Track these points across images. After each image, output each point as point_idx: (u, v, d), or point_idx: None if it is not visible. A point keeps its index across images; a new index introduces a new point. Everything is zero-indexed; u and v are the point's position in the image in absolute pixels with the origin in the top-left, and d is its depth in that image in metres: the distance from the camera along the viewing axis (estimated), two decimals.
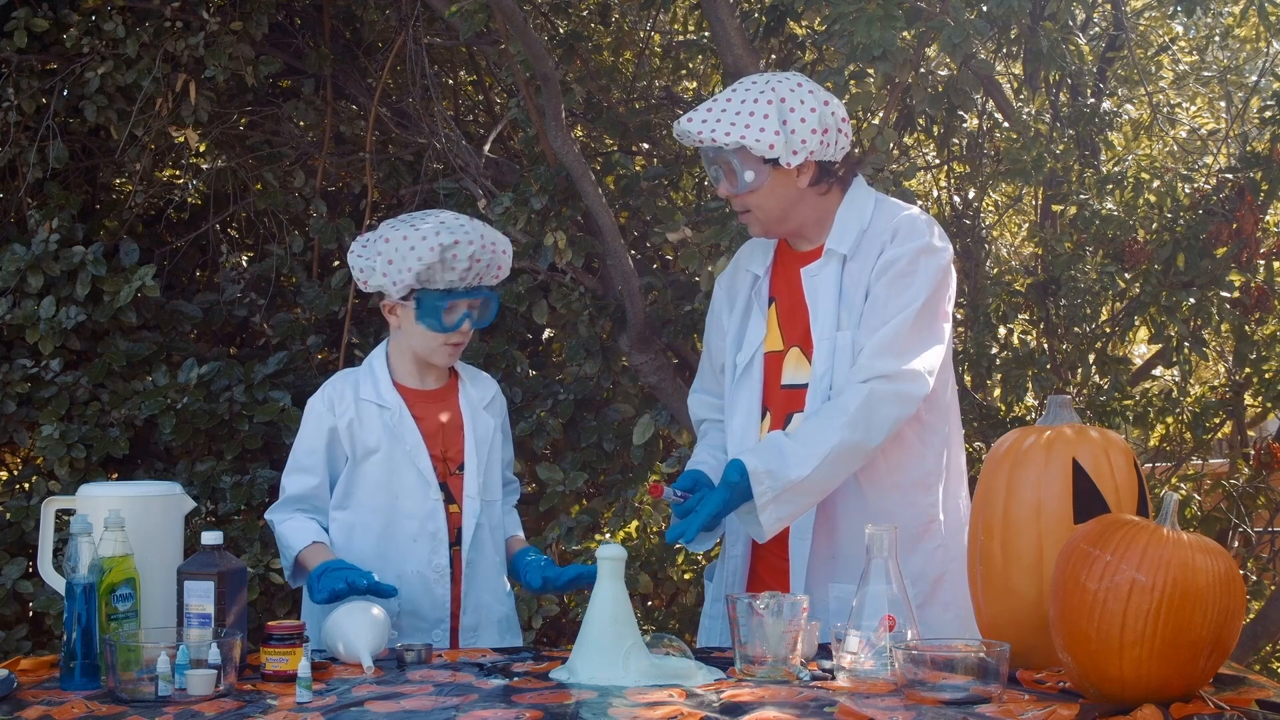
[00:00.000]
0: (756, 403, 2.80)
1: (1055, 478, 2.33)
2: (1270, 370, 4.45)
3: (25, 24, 4.10)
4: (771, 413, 2.80)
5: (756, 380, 2.81)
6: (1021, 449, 2.39)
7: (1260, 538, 4.63)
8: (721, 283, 2.99)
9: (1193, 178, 4.45)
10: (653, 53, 5.21)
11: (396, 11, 4.72)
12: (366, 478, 2.86)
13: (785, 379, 2.80)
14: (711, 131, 2.67)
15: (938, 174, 5.12)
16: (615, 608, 2.36)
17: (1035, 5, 4.20)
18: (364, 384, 2.90)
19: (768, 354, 2.82)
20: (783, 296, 2.85)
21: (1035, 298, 4.52)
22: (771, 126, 2.66)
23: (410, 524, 2.84)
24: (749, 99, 2.69)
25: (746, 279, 2.90)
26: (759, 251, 2.92)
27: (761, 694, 2.15)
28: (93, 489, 2.59)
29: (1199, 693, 2.04)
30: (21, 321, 3.99)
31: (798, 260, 2.83)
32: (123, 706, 2.14)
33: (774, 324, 2.84)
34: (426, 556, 2.84)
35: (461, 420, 2.92)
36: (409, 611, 2.83)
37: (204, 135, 4.43)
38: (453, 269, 2.80)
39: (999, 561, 2.36)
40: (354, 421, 2.86)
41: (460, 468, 2.90)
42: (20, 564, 3.96)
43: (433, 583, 2.84)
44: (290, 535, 2.83)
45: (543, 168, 4.03)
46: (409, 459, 2.85)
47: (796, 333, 2.81)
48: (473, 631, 2.86)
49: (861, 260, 2.76)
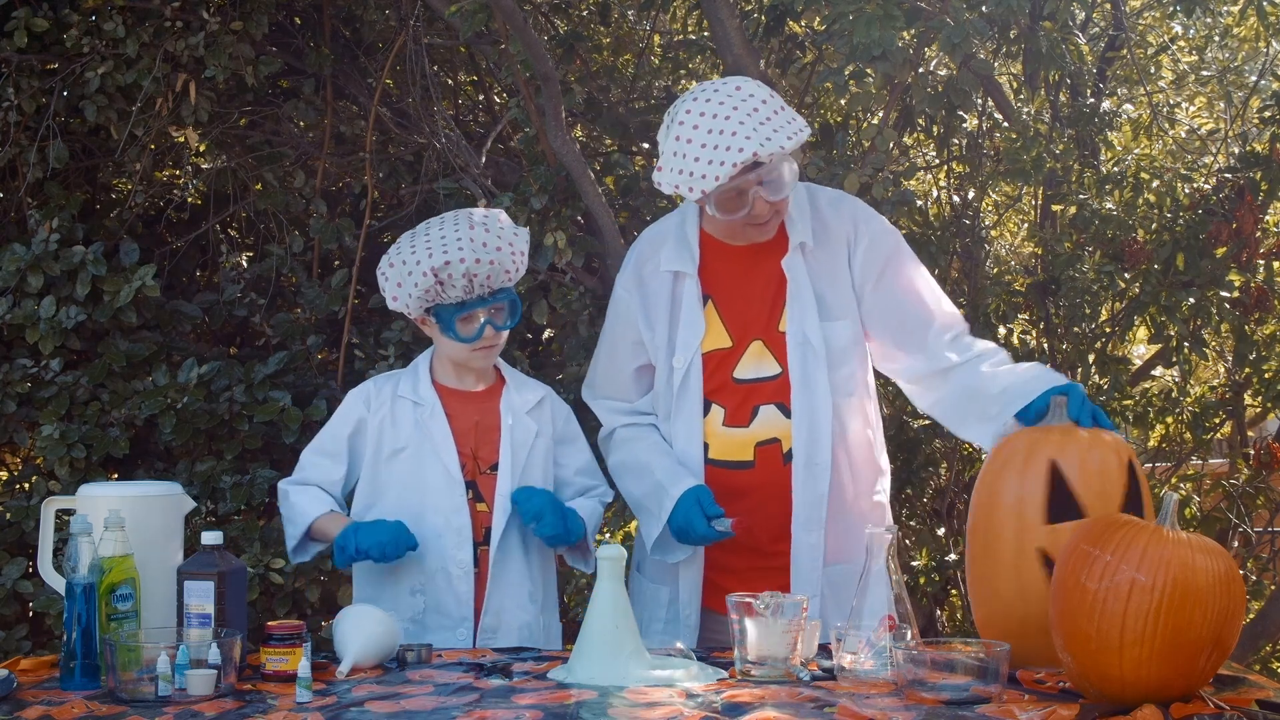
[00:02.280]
0: (698, 403, 2.80)
1: (1033, 480, 2.34)
2: (1270, 370, 4.45)
3: (25, 24, 4.09)
4: (726, 409, 2.79)
5: (696, 379, 2.80)
6: (1005, 452, 2.41)
7: (1260, 538, 4.63)
8: (627, 286, 2.91)
9: (1192, 177, 4.45)
10: (653, 53, 5.21)
11: (396, 11, 4.71)
12: (395, 475, 2.89)
13: (742, 373, 2.79)
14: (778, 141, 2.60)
15: (937, 174, 5.12)
16: (615, 608, 2.36)
17: (1035, 5, 4.20)
18: (404, 382, 2.94)
19: (705, 353, 2.80)
20: (721, 292, 2.82)
21: (1035, 298, 4.52)
22: (794, 113, 2.68)
23: (436, 519, 2.85)
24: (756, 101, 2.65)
25: (663, 279, 2.85)
26: (674, 249, 2.85)
27: (761, 694, 2.15)
28: (93, 489, 2.60)
29: (1199, 693, 2.04)
30: (21, 321, 3.99)
31: (740, 254, 2.81)
32: (123, 706, 2.14)
33: (715, 321, 2.82)
34: (450, 552, 2.84)
35: (498, 421, 2.92)
36: (433, 608, 2.84)
37: (204, 135, 4.43)
38: (454, 286, 2.80)
39: (983, 564, 2.38)
40: (386, 419, 2.90)
41: (492, 467, 2.90)
42: (20, 564, 3.96)
43: (456, 579, 2.84)
44: (305, 502, 2.86)
45: (543, 168, 4.03)
46: (436, 454, 2.86)
47: (755, 326, 2.80)
48: (491, 633, 2.85)
49: (827, 248, 2.79)
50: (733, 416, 2.78)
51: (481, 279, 2.80)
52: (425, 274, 2.78)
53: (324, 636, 3.48)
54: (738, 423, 2.78)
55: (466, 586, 2.84)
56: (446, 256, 2.78)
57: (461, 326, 2.85)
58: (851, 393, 2.80)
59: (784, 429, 2.77)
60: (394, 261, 2.85)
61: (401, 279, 2.82)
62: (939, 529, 4.68)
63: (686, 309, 2.82)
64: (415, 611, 2.84)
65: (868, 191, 3.80)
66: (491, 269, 2.81)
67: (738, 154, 2.57)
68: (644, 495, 2.83)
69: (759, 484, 2.77)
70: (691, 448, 2.81)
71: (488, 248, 2.81)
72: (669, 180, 2.66)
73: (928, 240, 4.36)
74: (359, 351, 4.27)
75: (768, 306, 2.79)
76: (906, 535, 4.64)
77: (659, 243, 2.90)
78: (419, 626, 2.83)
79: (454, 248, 2.79)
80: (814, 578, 2.75)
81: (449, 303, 2.83)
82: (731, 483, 2.77)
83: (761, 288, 2.81)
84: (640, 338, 2.87)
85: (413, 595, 2.84)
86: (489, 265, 2.81)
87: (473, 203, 4.18)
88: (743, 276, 2.82)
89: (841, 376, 2.78)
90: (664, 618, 2.89)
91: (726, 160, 2.58)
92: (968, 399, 2.70)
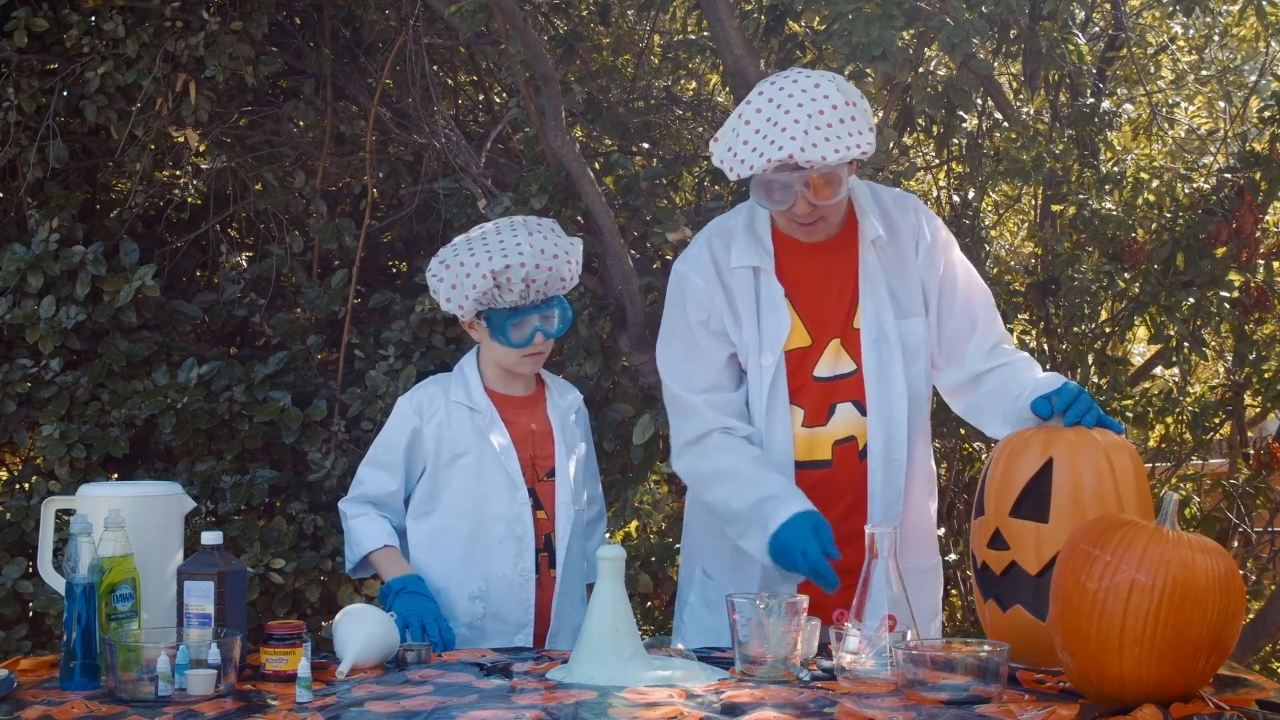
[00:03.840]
0: (786, 402, 2.75)
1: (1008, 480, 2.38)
2: (1270, 370, 4.45)
3: (25, 24, 4.10)
4: (805, 409, 2.75)
5: (782, 379, 2.75)
6: (997, 453, 2.45)
7: (1260, 538, 4.63)
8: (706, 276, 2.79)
9: (1192, 177, 4.45)
10: (652, 53, 5.21)
11: (396, 11, 4.72)
12: (455, 481, 2.88)
13: (821, 371, 2.75)
14: (823, 151, 2.56)
15: (937, 174, 5.12)
16: (615, 608, 2.36)
17: (1034, 5, 4.20)
18: (455, 388, 2.92)
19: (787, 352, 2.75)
20: (797, 289, 2.78)
21: (1035, 297, 4.52)
22: (866, 126, 2.64)
23: (498, 526, 2.86)
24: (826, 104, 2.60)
25: (743, 274, 2.78)
26: (747, 245, 2.79)
27: (761, 694, 2.15)
28: (93, 489, 2.59)
29: (1199, 693, 2.04)
30: (21, 321, 3.99)
31: (814, 251, 2.77)
32: (123, 706, 2.14)
33: (795, 319, 2.76)
34: (512, 560, 2.85)
35: (550, 427, 2.93)
36: (493, 614, 2.85)
37: (204, 135, 4.43)
38: (510, 290, 2.79)
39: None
40: (444, 424, 2.88)
41: (549, 474, 2.91)
42: (20, 564, 3.96)
43: (518, 586, 2.85)
44: (361, 532, 2.87)
45: (543, 168, 4.03)
46: (498, 461, 2.86)
47: (833, 324, 2.76)
48: (554, 637, 2.87)
49: (897, 245, 2.78)
50: (811, 416, 2.75)
51: (539, 284, 2.80)
52: (485, 276, 2.78)
53: (324, 636, 3.48)
54: (816, 422, 2.75)
55: (528, 593, 2.85)
56: (507, 260, 2.78)
57: (514, 332, 2.84)
58: (923, 389, 2.79)
59: (860, 427, 2.74)
60: (449, 264, 2.83)
61: (458, 281, 2.81)
62: (939, 529, 4.68)
63: (771, 305, 2.76)
64: (474, 618, 2.84)
65: None
66: (549, 275, 2.80)
67: (776, 151, 2.56)
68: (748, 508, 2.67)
69: (838, 482, 2.74)
70: (784, 449, 2.74)
71: (545, 254, 2.80)
72: (717, 153, 2.68)
73: None
74: (359, 351, 4.28)
75: (844, 303, 2.77)
76: None
77: (728, 238, 2.82)
78: (476, 633, 2.83)
79: (514, 252, 2.79)
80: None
81: (503, 307, 2.82)
82: (813, 483, 2.71)
83: (837, 284, 2.77)
84: (724, 328, 2.78)
85: (471, 602, 2.84)
86: (547, 271, 2.80)
87: (473, 202, 4.18)
88: (817, 273, 2.78)
89: (915, 372, 2.76)
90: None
91: (766, 154, 2.57)
92: (992, 402, 2.73)
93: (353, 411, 4.09)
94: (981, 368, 2.77)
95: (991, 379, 2.75)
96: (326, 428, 4.14)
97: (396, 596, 2.73)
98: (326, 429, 4.14)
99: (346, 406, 4.12)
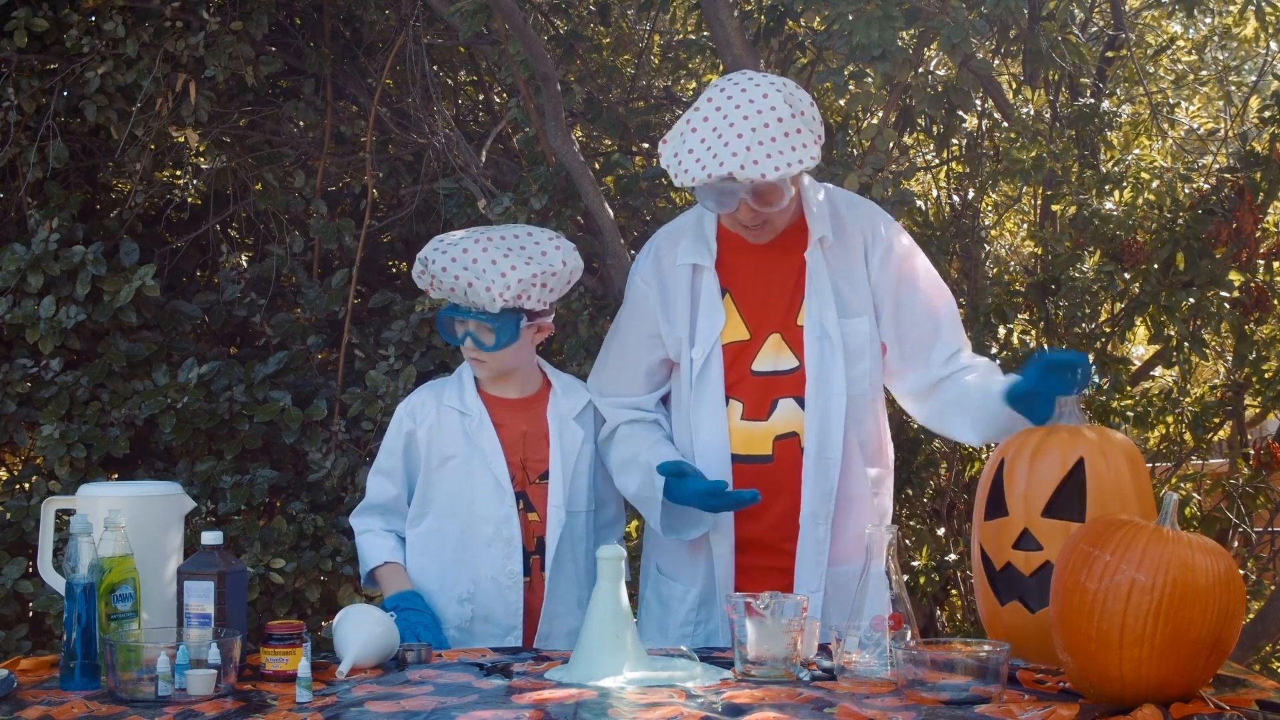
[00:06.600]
0: (720, 394, 2.79)
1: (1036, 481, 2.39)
2: (1270, 370, 4.45)
3: (25, 24, 4.09)
4: (745, 403, 2.79)
5: (716, 370, 2.80)
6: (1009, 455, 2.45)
7: (1260, 538, 4.63)
8: (645, 278, 2.89)
9: (1192, 177, 4.45)
10: (652, 53, 5.21)
11: (396, 11, 4.71)
12: (444, 484, 2.90)
13: (761, 365, 2.79)
14: (764, 168, 2.58)
15: (937, 174, 5.12)
16: (615, 608, 2.36)
17: (1034, 5, 4.20)
18: (449, 391, 2.95)
19: (724, 345, 2.81)
20: (739, 285, 2.83)
21: (1035, 298, 4.52)
22: (813, 139, 2.66)
23: (486, 529, 2.87)
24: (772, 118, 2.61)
25: (682, 272, 2.85)
26: (691, 243, 2.86)
27: (761, 694, 2.15)
28: (93, 489, 2.60)
29: (1199, 693, 2.04)
30: (21, 321, 3.99)
31: (760, 248, 2.81)
32: (123, 706, 2.14)
33: (733, 313, 2.82)
34: (500, 562, 2.86)
35: (546, 430, 2.93)
36: (482, 617, 2.86)
37: (204, 135, 4.43)
38: (440, 285, 2.84)
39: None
40: (434, 427, 2.91)
41: (542, 476, 2.90)
42: (20, 564, 3.96)
43: (506, 589, 2.86)
44: (367, 549, 2.93)
45: (542, 168, 4.03)
46: (485, 464, 2.87)
47: (773, 319, 2.80)
48: (544, 640, 2.87)
49: (844, 245, 2.81)
50: (751, 410, 2.79)
51: (459, 295, 2.84)
52: (429, 262, 2.85)
53: (324, 636, 3.48)
54: (756, 416, 2.78)
55: (516, 596, 2.86)
56: (452, 256, 2.83)
57: (448, 325, 2.90)
58: (865, 390, 2.81)
59: (802, 423, 2.77)
60: (440, 247, 2.89)
61: (434, 258, 2.86)
62: (939, 529, 4.68)
63: (706, 300, 2.82)
64: (463, 620, 2.85)
65: (867, 192, 3.80)
66: (470, 288, 2.80)
67: (718, 166, 2.60)
68: (640, 486, 2.83)
69: (778, 478, 2.76)
70: (716, 440, 2.78)
71: (478, 264, 2.81)
72: (665, 157, 2.72)
73: (928, 240, 4.36)
74: (359, 351, 4.27)
75: (786, 300, 2.80)
76: (906, 535, 4.64)
77: (677, 237, 2.90)
78: (465, 634, 2.84)
79: (456, 251, 2.83)
80: (817, 574, 2.74)
81: (447, 300, 2.89)
82: (752, 478, 2.75)
83: (780, 281, 2.82)
84: (657, 330, 2.87)
85: (460, 604, 2.86)
86: (466, 286, 2.81)
87: (473, 202, 4.17)
88: (761, 270, 2.83)
89: (857, 372, 2.79)
90: (695, 620, 2.86)
91: (708, 168, 2.61)
92: (960, 405, 2.76)
93: (353, 411, 4.09)
94: (944, 372, 2.79)
95: (955, 383, 2.77)
96: (327, 428, 4.14)
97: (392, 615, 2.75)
98: (327, 429, 4.14)
99: (347, 406, 4.12)
